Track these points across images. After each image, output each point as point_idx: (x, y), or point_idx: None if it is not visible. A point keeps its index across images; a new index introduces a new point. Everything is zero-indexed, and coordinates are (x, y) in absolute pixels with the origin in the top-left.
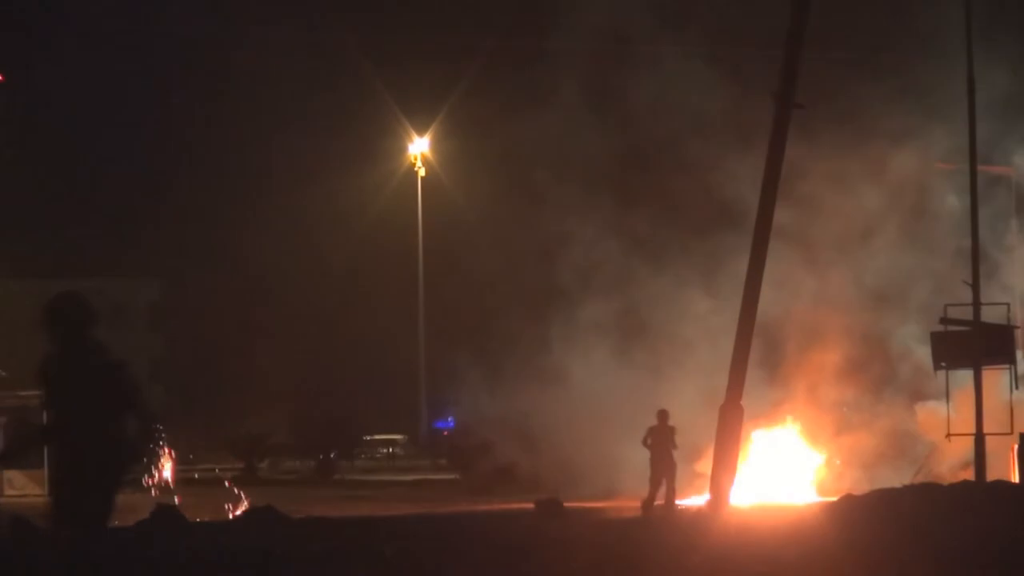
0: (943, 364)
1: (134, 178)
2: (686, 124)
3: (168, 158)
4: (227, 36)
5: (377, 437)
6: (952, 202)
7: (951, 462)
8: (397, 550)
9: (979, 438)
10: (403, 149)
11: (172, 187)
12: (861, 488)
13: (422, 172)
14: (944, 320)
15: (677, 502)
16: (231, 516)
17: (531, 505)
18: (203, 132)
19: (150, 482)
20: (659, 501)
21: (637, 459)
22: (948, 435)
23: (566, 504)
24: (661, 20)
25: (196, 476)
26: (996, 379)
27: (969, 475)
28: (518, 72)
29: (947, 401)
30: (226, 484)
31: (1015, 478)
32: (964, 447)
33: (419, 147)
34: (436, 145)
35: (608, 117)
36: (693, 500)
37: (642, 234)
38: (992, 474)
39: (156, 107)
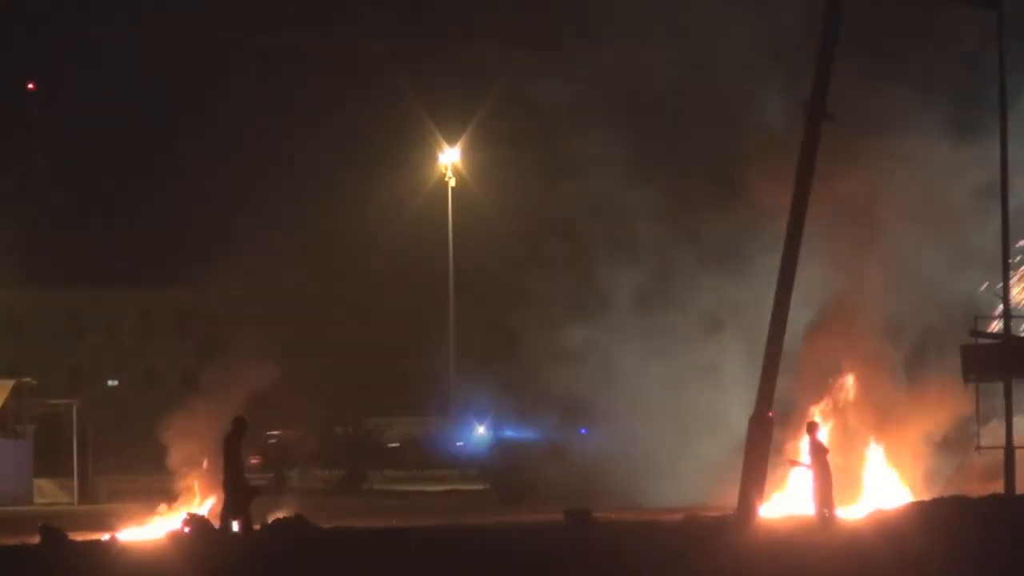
0: (972, 377)
1: (165, 187)
2: (736, 123)
3: (199, 167)
4: (257, 47)
5: None
6: None
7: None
8: (426, 562)
9: (1009, 452)
10: (434, 159)
11: (203, 196)
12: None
13: (452, 182)
14: (974, 333)
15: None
16: (260, 525)
17: (560, 516)
18: (235, 142)
19: None
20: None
21: (663, 469)
22: (977, 447)
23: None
24: (697, 26)
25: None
26: None
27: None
28: (548, 82)
29: (977, 415)
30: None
31: None
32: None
33: (450, 157)
34: (466, 155)
35: (643, 121)
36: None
37: (676, 239)
38: None
39: (187, 117)
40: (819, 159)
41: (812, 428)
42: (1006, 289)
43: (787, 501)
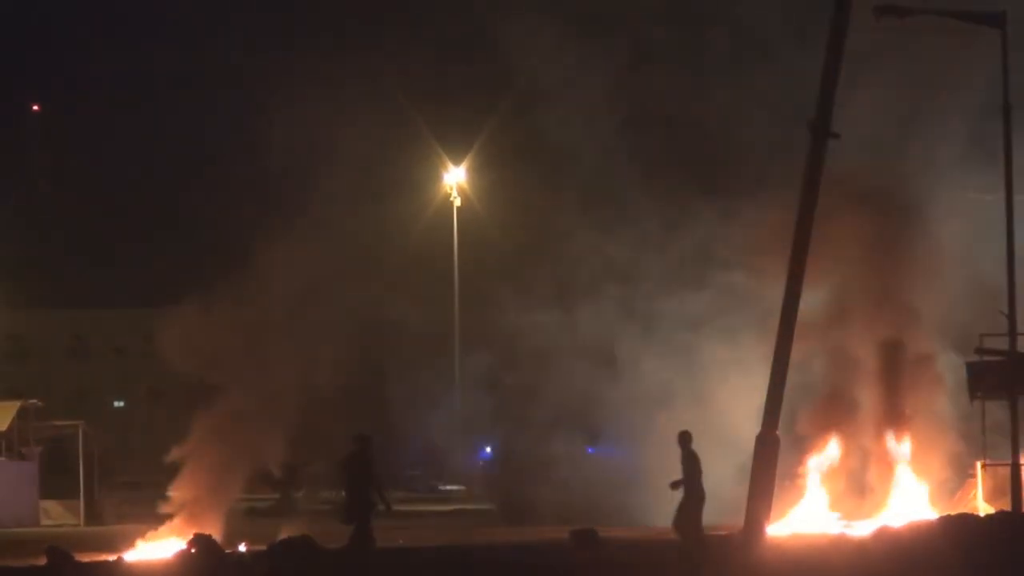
0: (979, 394)
1: (170, 209)
2: (738, 142)
3: (203, 188)
4: (260, 67)
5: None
6: None
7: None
8: None
9: (1015, 468)
10: (439, 179)
11: (207, 218)
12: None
13: (458, 202)
14: (980, 350)
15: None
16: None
17: (565, 535)
18: (238, 164)
19: None
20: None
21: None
22: (983, 464)
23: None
24: (695, 38)
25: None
26: None
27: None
28: (552, 100)
29: (983, 431)
30: None
31: None
32: None
33: (455, 177)
34: (472, 175)
35: (646, 139)
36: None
37: (683, 260)
38: None
39: (191, 138)
40: None
41: (684, 438)
42: (1012, 306)
43: (794, 519)
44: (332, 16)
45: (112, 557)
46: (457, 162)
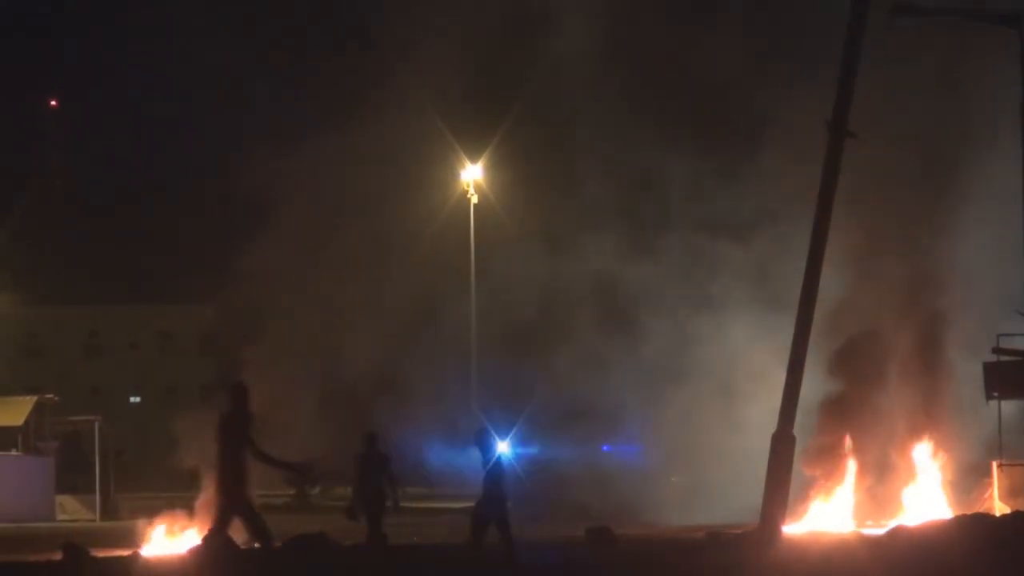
0: (995, 394)
1: (187, 205)
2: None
3: (221, 185)
4: (277, 64)
5: None
6: None
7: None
8: None
9: None
10: (455, 176)
11: (225, 215)
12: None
13: (475, 199)
14: (997, 350)
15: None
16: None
17: (580, 534)
18: (256, 161)
19: None
20: None
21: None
22: (1000, 464)
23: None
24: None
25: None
26: None
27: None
28: (571, 97)
29: (999, 430)
30: None
31: None
32: None
33: (472, 174)
34: (489, 172)
35: (667, 137)
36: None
37: (702, 261)
38: None
39: (209, 135)
40: None
41: (367, 440)
42: None
43: (812, 518)
44: (342, 13)
45: (128, 552)
46: (474, 159)
